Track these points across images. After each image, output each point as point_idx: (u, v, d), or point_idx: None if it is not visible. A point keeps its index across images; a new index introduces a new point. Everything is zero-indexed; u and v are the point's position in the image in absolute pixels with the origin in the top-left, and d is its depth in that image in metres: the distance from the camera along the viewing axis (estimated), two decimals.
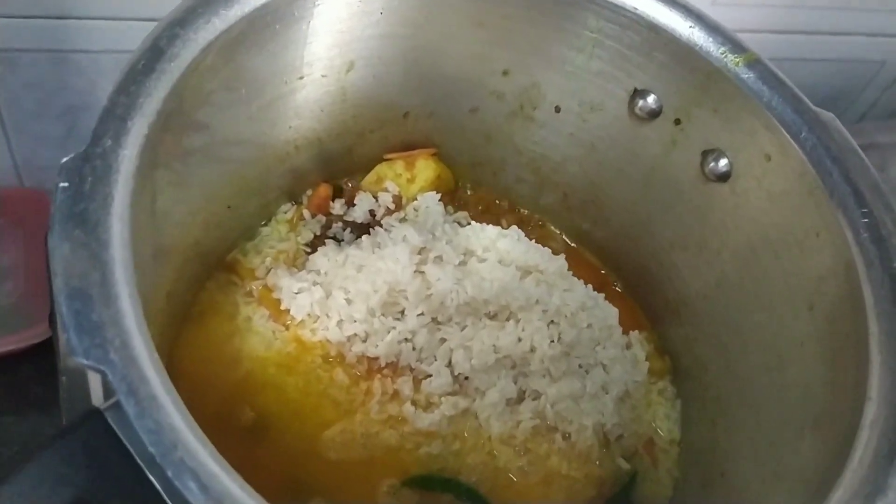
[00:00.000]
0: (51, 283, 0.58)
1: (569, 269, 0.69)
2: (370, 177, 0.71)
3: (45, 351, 0.75)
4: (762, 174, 0.57)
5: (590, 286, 0.69)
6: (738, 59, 0.56)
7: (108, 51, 0.73)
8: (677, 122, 0.61)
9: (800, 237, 0.55)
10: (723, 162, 0.60)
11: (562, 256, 0.70)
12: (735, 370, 0.62)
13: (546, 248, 0.70)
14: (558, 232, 0.77)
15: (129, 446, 0.36)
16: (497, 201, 0.77)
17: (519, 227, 0.71)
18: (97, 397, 0.48)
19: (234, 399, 0.59)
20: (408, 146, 0.71)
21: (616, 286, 0.75)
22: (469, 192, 0.76)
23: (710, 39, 0.57)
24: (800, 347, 0.54)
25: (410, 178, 0.70)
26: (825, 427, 0.50)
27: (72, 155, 0.39)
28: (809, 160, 0.54)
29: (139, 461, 0.36)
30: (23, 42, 0.72)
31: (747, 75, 0.56)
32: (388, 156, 0.71)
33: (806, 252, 0.55)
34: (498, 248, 0.67)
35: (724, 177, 0.60)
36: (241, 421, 0.59)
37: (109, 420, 0.37)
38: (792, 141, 0.54)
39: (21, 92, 0.76)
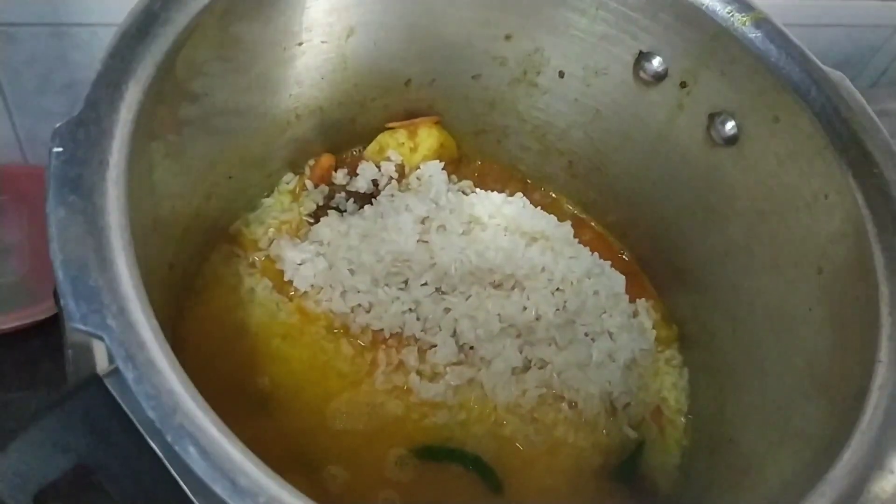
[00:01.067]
0: None
1: (574, 237, 0.69)
2: (372, 146, 0.70)
3: (53, 327, 0.75)
4: (770, 136, 0.56)
5: (596, 254, 0.69)
6: (745, 18, 0.55)
7: (107, 24, 0.73)
8: (683, 84, 0.60)
9: (808, 200, 0.54)
10: (730, 125, 0.59)
11: (567, 223, 0.69)
12: (742, 336, 0.62)
13: (552, 214, 0.69)
14: (564, 201, 0.76)
15: (128, 412, 0.36)
16: (502, 170, 0.76)
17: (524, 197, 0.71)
18: (102, 369, 0.48)
19: (240, 372, 0.59)
20: (410, 114, 0.70)
21: (623, 255, 0.74)
22: (478, 162, 0.75)
23: None
24: (808, 311, 0.54)
25: (413, 147, 0.69)
26: (833, 390, 0.49)
27: (66, 120, 0.39)
28: (818, 120, 0.53)
29: (139, 427, 0.35)
30: (22, 16, 0.71)
31: (754, 34, 0.55)
32: (391, 124, 0.70)
33: (815, 215, 0.54)
34: (503, 214, 0.67)
35: (731, 140, 0.59)
36: (256, 387, 0.58)
37: (109, 386, 0.36)
38: (800, 101, 0.53)
39: (22, 67, 0.76)
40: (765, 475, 0.52)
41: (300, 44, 0.57)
